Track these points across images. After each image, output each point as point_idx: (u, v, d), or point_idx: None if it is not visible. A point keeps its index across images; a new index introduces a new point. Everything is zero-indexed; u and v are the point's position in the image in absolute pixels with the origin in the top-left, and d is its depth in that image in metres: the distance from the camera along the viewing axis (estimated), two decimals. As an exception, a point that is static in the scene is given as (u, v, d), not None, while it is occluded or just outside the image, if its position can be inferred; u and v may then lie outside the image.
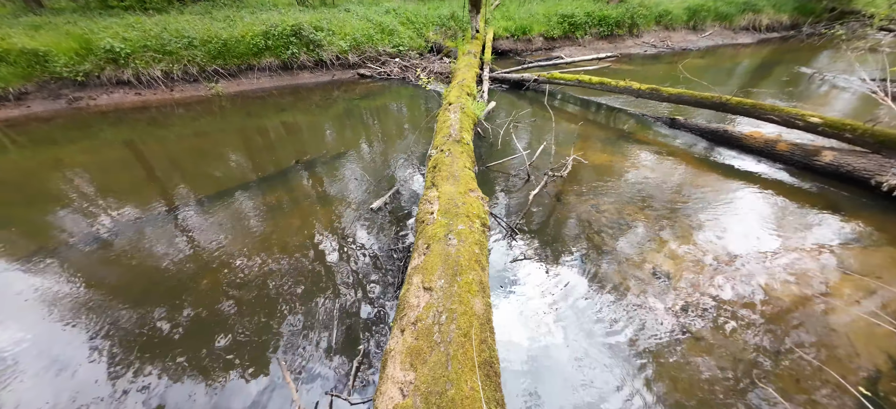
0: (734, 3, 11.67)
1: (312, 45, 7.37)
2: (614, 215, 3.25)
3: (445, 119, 4.08)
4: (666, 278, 2.57)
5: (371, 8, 10.19)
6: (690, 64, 8.91)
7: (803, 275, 2.59)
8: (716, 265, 2.68)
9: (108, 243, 3.05)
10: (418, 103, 6.36)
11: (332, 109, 6.18)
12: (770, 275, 2.59)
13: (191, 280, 2.61)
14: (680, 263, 2.70)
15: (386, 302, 2.42)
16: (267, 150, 4.83)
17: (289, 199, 3.59)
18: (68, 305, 2.45)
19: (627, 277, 2.58)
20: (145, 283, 2.62)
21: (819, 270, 2.64)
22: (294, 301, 2.42)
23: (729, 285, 2.51)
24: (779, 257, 2.78)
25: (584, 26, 10.25)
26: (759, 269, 2.65)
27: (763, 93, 6.67)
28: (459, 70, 6.10)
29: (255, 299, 2.43)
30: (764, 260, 2.74)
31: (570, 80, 6.13)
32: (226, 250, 2.90)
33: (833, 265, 2.69)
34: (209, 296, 2.47)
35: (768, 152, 4.21)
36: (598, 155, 4.41)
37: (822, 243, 2.92)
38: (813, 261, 2.73)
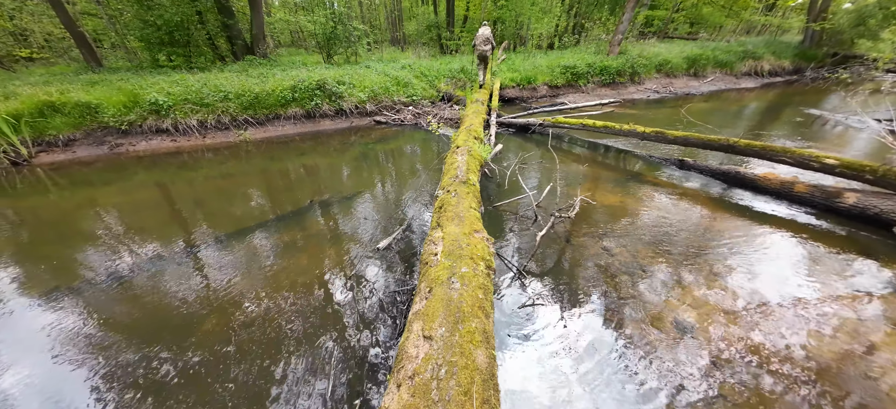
0: (733, 52, 11.97)
1: (334, 97, 7.86)
2: (629, 259, 3.08)
3: (453, 161, 4.13)
4: (693, 330, 2.34)
5: (389, 64, 10.95)
6: (695, 108, 8.96)
7: (845, 327, 2.31)
8: (746, 316, 2.44)
9: (126, 281, 3.07)
10: (429, 146, 6.54)
11: (348, 153, 6.41)
12: (807, 327, 2.33)
13: (198, 320, 2.56)
14: (707, 313, 2.48)
15: (387, 348, 2.28)
16: (285, 190, 4.96)
17: (300, 238, 3.59)
18: (75, 342, 2.41)
19: (650, 329, 2.37)
20: (155, 321, 2.58)
21: (861, 322, 2.36)
22: (295, 345, 2.31)
23: (763, 339, 2.25)
24: (814, 306, 2.51)
25: (586, 75, 10.62)
26: (794, 320, 2.39)
27: (774, 135, 6.55)
28: (467, 116, 6.30)
29: (257, 341, 2.34)
30: (798, 310, 2.48)
31: (574, 124, 6.21)
32: (235, 289, 2.86)
33: (876, 317, 2.40)
34: (213, 336, 2.39)
35: (786, 194, 4.02)
36: (607, 196, 4.31)
37: (861, 291, 2.64)
38: (852, 311, 2.45)
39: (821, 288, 2.69)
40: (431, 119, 7.68)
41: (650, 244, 3.28)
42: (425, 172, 5.30)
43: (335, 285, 2.89)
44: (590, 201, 3.93)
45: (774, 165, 4.44)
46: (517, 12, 17.03)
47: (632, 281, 2.80)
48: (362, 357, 2.22)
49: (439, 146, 6.44)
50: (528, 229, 3.65)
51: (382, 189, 4.80)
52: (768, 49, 12.20)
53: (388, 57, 13.30)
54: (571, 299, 2.65)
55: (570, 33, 17.81)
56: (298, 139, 7.22)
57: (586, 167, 5.29)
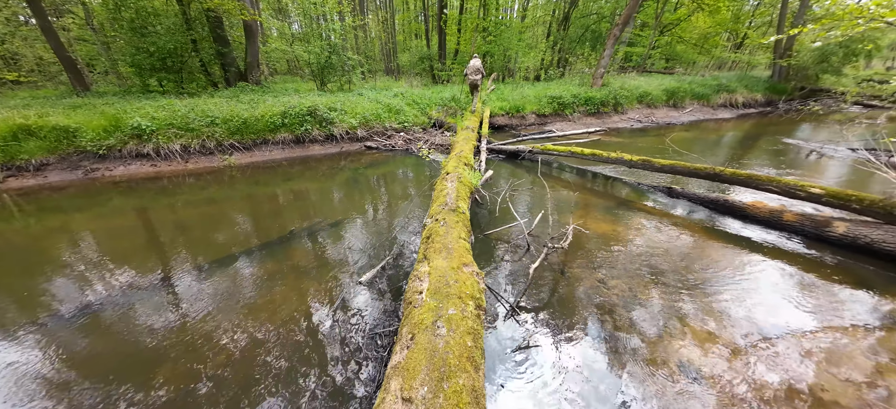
0: (708, 86, 12.54)
1: (325, 122, 7.78)
2: (626, 292, 2.91)
3: (442, 188, 3.98)
4: (698, 374, 2.14)
5: (382, 92, 11.05)
6: (677, 137, 9.19)
7: (849, 362, 2.15)
8: (750, 353, 2.26)
9: (95, 314, 2.75)
10: (419, 172, 6.42)
11: (337, 177, 6.23)
12: (813, 364, 2.16)
13: (166, 356, 2.27)
14: (711, 353, 2.29)
15: (365, 406, 2.00)
16: (268, 217, 4.71)
17: (279, 269, 3.32)
18: (35, 381, 2.07)
19: (654, 372, 2.16)
20: (121, 357, 2.29)
21: (866, 356, 2.20)
22: (263, 394, 2.01)
23: (770, 377, 2.06)
24: (817, 340, 2.36)
25: (572, 105, 10.90)
26: (798, 356, 2.22)
27: (755, 163, 6.67)
28: (458, 142, 6.25)
29: (222, 385, 2.03)
30: (801, 345, 2.32)
31: (562, 151, 6.22)
32: (206, 324, 2.55)
33: (881, 350, 2.25)
34: (179, 374, 2.09)
35: (775, 223, 3.97)
36: (598, 224, 4.20)
37: (862, 324, 2.51)
38: (855, 344, 2.30)
39: (822, 321, 2.55)
40: (422, 145, 7.63)
41: (645, 276, 3.12)
42: (414, 197, 5.14)
43: (312, 324, 2.61)
44: (582, 230, 3.80)
45: (759, 193, 4.43)
46: (505, 47, 17.76)
47: (630, 319, 2.61)
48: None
49: (429, 172, 6.33)
50: (520, 259, 3.47)
51: (369, 216, 4.60)
52: (741, 83, 12.84)
53: (382, 85, 13.49)
54: (569, 339, 2.44)
55: (555, 67, 18.53)
56: (286, 164, 7.03)
57: (576, 194, 5.22)
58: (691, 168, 4.68)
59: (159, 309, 2.81)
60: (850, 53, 11.19)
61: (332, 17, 10.99)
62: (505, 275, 3.22)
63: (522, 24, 20.45)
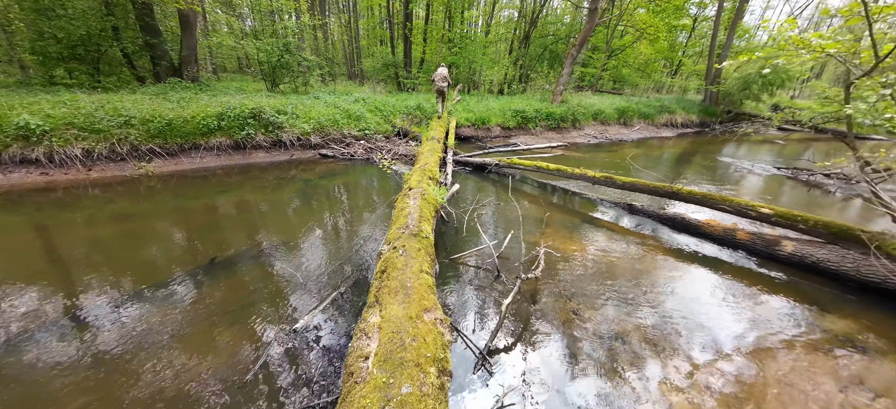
0: (653, 106, 13.53)
1: (272, 127, 6.91)
2: (602, 326, 2.64)
3: (404, 206, 3.50)
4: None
5: (341, 97, 10.30)
6: (630, 153, 9.64)
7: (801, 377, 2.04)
8: (726, 387, 2.06)
9: None
10: (379, 184, 5.86)
11: (283, 190, 5.44)
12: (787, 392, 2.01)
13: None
14: (696, 393, 2.06)
15: None
16: (188, 240, 3.85)
17: (188, 313, 2.59)
18: None
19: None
20: None
21: (832, 380, 2.11)
22: None
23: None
24: (773, 357, 2.25)
25: (535, 120, 11.05)
26: (770, 382, 2.07)
27: (699, 179, 7.07)
28: (423, 154, 5.82)
29: None
30: (770, 370, 2.18)
31: (528, 165, 6.06)
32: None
33: (844, 375, 2.19)
34: None
35: (729, 241, 4.05)
36: (566, 243, 3.98)
37: (822, 345, 2.47)
38: (804, 360, 2.22)
39: (776, 339, 2.47)
40: (383, 156, 7.08)
41: (619, 304, 2.90)
42: (372, 215, 4.59)
43: (218, 398, 1.97)
44: (553, 253, 3.54)
45: (714, 212, 4.55)
46: (470, 59, 17.85)
47: (611, 358, 2.33)
48: None
49: (391, 184, 5.80)
50: (490, 286, 3.09)
51: (316, 239, 3.95)
52: (680, 105, 14.06)
53: (343, 90, 12.68)
54: (548, 394, 2.07)
55: (518, 82, 19.00)
56: (222, 173, 6.06)
57: (542, 210, 5.03)
58: (651, 186, 4.71)
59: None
60: (767, 83, 12.77)
61: (286, 15, 10.05)
62: (474, 310, 2.81)
63: (486, 39, 20.80)
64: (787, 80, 13.14)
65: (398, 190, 5.35)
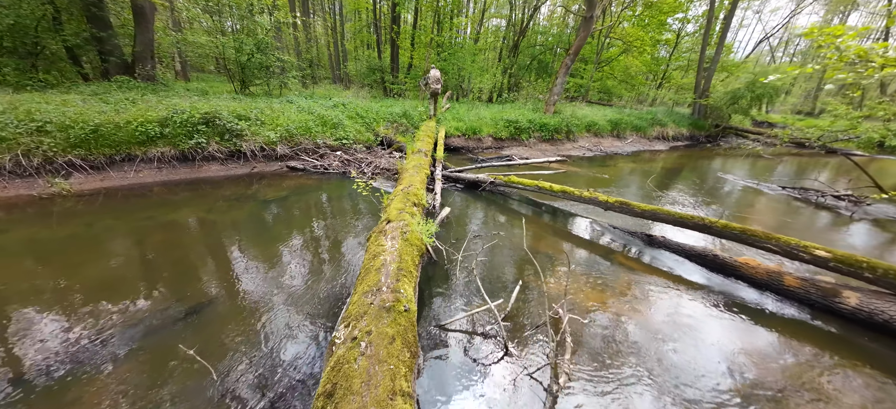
0: (644, 119, 13.12)
1: (229, 135, 5.82)
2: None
3: (378, 251, 2.57)
4: None
5: (319, 101, 9.27)
6: (625, 166, 9.04)
7: None
8: None
9: None
10: (353, 208, 4.87)
11: (231, 214, 4.38)
12: None
13: None
14: None
15: None
16: (89, 291, 2.76)
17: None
18: None
19: None
20: None
21: None
22: None
23: None
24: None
25: (528, 130, 10.34)
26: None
27: (705, 200, 6.46)
28: (407, 171, 4.90)
29: None
30: None
31: (528, 185, 5.24)
32: None
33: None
34: None
35: (774, 287, 3.31)
36: (586, 291, 3.15)
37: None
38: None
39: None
40: (362, 170, 6.11)
41: (664, 388, 2.06)
42: (337, 258, 3.61)
43: None
44: (579, 319, 2.68)
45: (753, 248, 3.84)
46: (459, 66, 17.14)
47: None
48: None
49: (367, 207, 4.83)
50: (492, 373, 2.19)
51: (252, 298, 2.92)
52: (670, 118, 13.73)
53: (323, 93, 11.62)
54: None
55: (507, 90, 18.44)
56: (163, 190, 4.93)
57: (549, 241, 4.19)
58: (676, 216, 3.95)
59: None
60: (756, 97, 12.61)
61: (259, 11, 8.94)
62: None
63: (476, 47, 20.18)
64: (774, 95, 13.05)
65: (375, 214, 4.41)
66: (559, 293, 2.98)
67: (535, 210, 5.27)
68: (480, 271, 3.35)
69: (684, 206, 5.98)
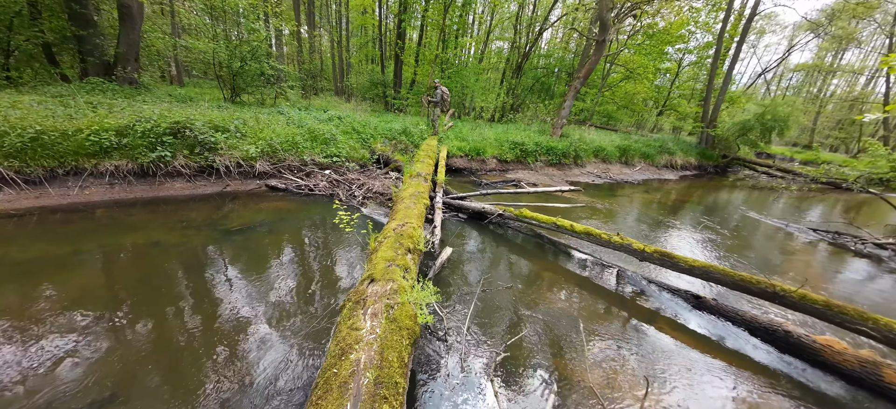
0: (653, 146, 12.53)
1: (201, 148, 5.01)
2: None
3: (347, 346, 1.72)
4: None
5: (313, 113, 8.54)
6: (636, 196, 8.31)
7: None
8: None
9: None
10: (338, 242, 4.01)
11: (187, 247, 3.51)
12: None
13: None
14: None
15: None
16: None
17: None
18: None
19: None
20: None
21: None
22: None
23: None
24: None
25: (535, 154, 9.65)
26: None
27: (743, 247, 5.67)
28: (403, 201, 4.08)
29: None
30: None
31: (545, 222, 4.42)
32: None
33: None
34: None
35: (870, 383, 2.47)
36: (622, 374, 2.29)
37: None
38: None
39: None
40: (342, 209, 5.29)
41: None
42: (307, 324, 2.74)
43: None
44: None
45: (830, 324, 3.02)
46: (463, 84, 16.67)
47: None
48: None
49: (353, 246, 3.97)
50: None
51: (182, 387, 2.04)
52: (678, 147, 13.15)
53: (321, 105, 10.93)
54: None
55: (511, 110, 17.97)
56: (110, 212, 4.06)
57: (571, 295, 3.34)
58: (736, 278, 3.14)
59: None
60: (765, 130, 12.10)
61: (255, 17, 8.30)
62: None
63: (480, 67, 19.85)
64: (785, 128, 12.56)
65: (362, 252, 3.56)
66: (604, 389, 2.12)
67: (552, 252, 4.44)
68: (491, 341, 2.48)
69: (717, 251, 5.18)
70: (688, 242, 5.46)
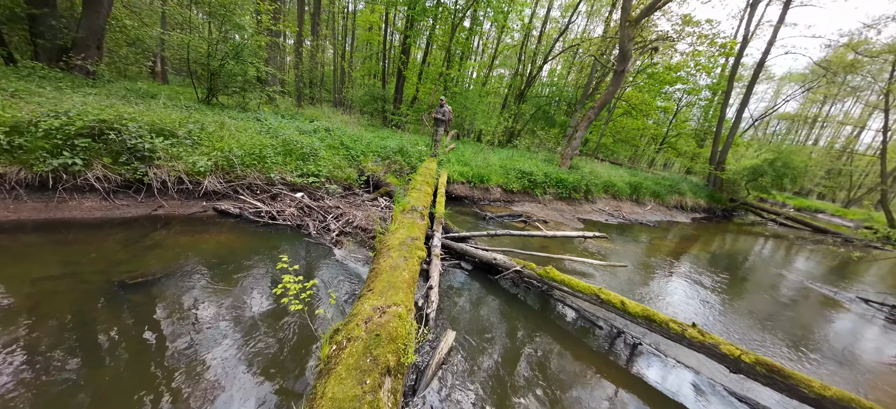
0: (663, 185, 11.61)
1: (128, 156, 3.70)
2: None
3: None
4: None
5: (296, 122, 7.34)
6: (660, 243, 7.19)
7: None
8: None
9: None
10: (278, 323, 2.67)
11: (47, 305, 2.15)
12: None
13: None
14: None
15: None
16: None
17: None
18: None
19: None
20: None
21: None
22: None
23: None
24: None
25: (543, 185, 8.55)
26: None
27: (794, 318, 4.49)
28: (389, 254, 2.82)
29: None
30: None
31: (583, 291, 3.17)
32: None
33: None
34: None
35: None
36: None
37: None
38: None
39: None
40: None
41: None
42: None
43: None
44: None
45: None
46: (463, 105, 15.83)
47: None
48: None
49: (301, 334, 2.64)
50: None
51: None
52: (687, 187, 12.28)
53: (312, 114, 9.76)
54: None
55: (515, 136, 17.14)
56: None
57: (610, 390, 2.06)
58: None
59: None
60: (778, 176, 11.33)
61: (239, 11, 7.19)
62: None
63: (484, 90, 19.18)
64: (798, 176, 11.81)
65: (315, 359, 2.24)
66: None
67: (587, 327, 3.18)
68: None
69: (778, 334, 3.99)
70: (743, 317, 4.26)
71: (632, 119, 20.92)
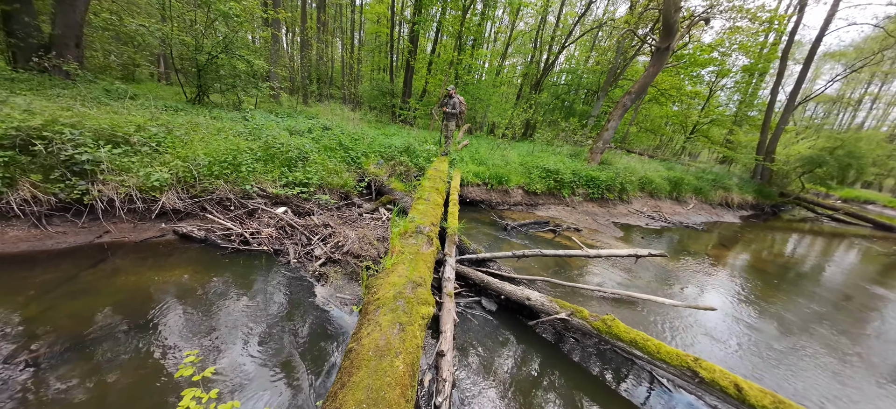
0: (705, 180, 10.16)
1: (63, 170, 2.91)
2: None
3: None
4: None
5: (289, 120, 6.51)
6: (723, 255, 5.92)
7: None
8: None
9: None
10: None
11: None
12: None
13: None
14: None
15: None
16: None
17: None
18: None
19: None
20: None
21: None
22: None
23: None
24: None
25: (571, 185, 7.40)
26: None
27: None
28: (381, 311, 1.88)
29: None
30: None
31: (666, 360, 2.13)
32: None
33: None
34: None
35: None
36: None
37: None
38: None
39: None
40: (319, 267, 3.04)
41: None
42: None
43: None
44: None
45: None
46: (476, 97, 14.67)
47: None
48: None
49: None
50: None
51: None
52: (733, 181, 10.75)
53: (311, 111, 8.95)
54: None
55: (533, 129, 15.86)
56: None
57: None
58: None
59: None
60: (842, 167, 9.67)
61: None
62: None
63: (498, 79, 17.91)
64: (865, 166, 10.09)
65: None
66: None
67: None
68: None
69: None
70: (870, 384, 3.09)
71: (658, 106, 19.11)
